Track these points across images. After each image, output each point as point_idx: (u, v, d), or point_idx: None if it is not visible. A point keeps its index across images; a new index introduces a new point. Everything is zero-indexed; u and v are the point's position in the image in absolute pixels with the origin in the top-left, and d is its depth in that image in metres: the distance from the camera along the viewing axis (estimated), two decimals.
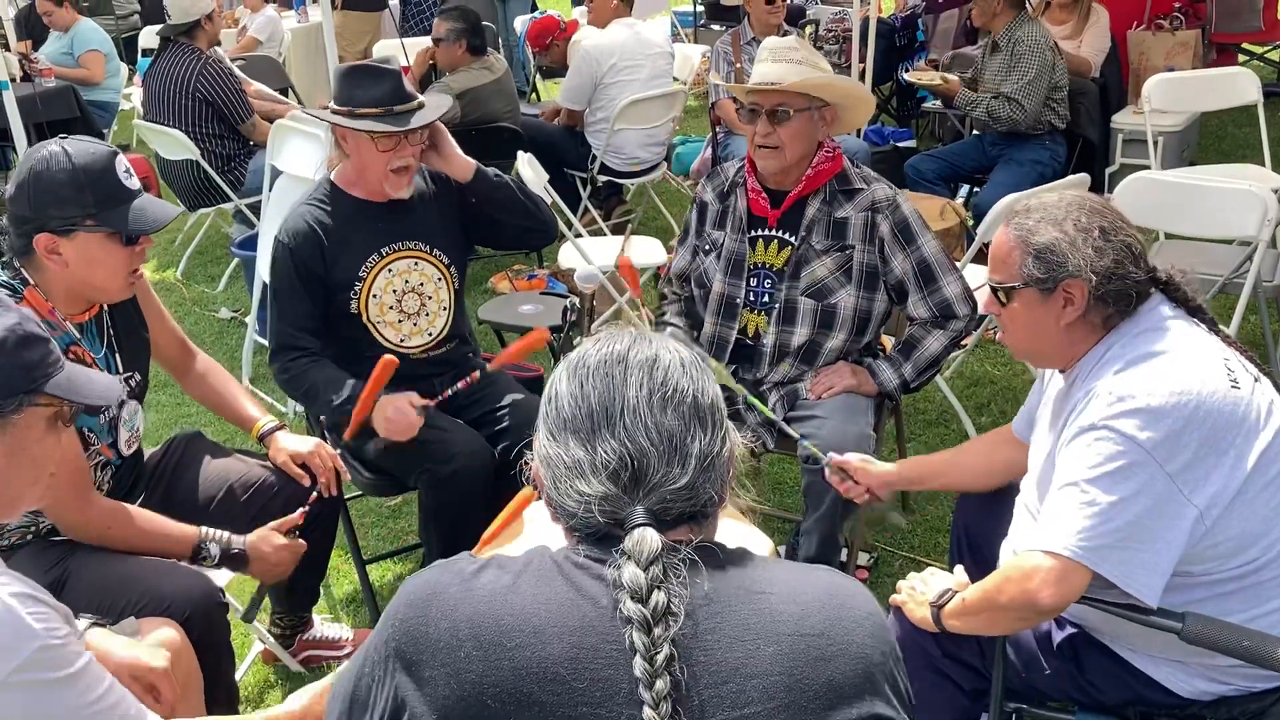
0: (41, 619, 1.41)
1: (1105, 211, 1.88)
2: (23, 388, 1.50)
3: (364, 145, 2.69)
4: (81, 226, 2.11)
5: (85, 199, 2.11)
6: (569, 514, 1.21)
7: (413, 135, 2.69)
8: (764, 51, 2.81)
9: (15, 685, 1.37)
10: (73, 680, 1.43)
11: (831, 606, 1.17)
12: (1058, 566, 1.74)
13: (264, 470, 2.56)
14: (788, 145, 2.74)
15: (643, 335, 1.26)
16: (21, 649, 1.37)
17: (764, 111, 2.73)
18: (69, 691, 1.43)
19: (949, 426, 3.94)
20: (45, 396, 1.54)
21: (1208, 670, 1.86)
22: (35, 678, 1.38)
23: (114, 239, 2.15)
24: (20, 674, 1.37)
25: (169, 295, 5.53)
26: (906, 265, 2.78)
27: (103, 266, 2.16)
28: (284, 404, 4.30)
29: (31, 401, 1.52)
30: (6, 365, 1.49)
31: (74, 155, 2.11)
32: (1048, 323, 1.90)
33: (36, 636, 1.39)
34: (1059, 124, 5.13)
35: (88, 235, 2.12)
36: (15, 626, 1.38)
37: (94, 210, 2.12)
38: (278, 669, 2.88)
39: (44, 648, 1.39)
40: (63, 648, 1.42)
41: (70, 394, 1.57)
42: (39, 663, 1.39)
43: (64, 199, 2.10)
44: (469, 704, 1.10)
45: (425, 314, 2.87)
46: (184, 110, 5.23)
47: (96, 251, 2.14)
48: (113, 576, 2.11)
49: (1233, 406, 1.74)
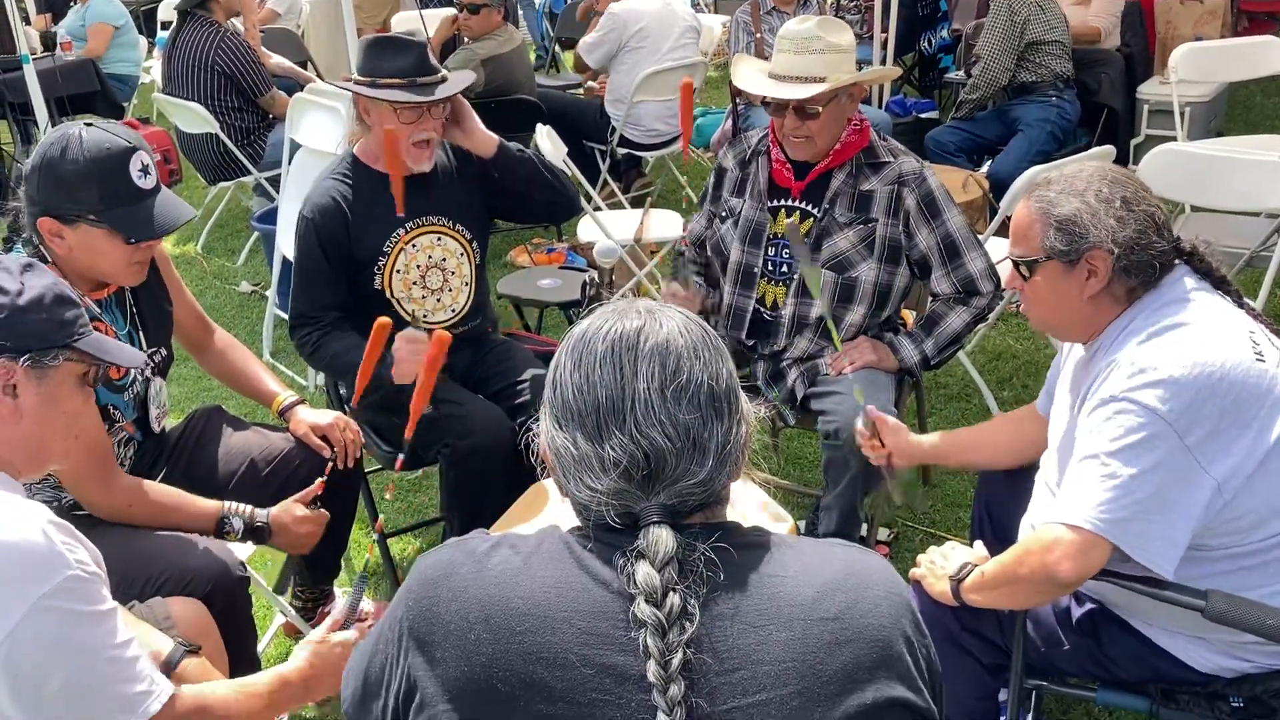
0: (73, 550, 1.46)
1: (1127, 182, 1.85)
2: (59, 341, 1.61)
3: (387, 117, 2.67)
4: (84, 219, 2.10)
5: (92, 195, 2.09)
6: (581, 505, 1.19)
7: (435, 108, 2.68)
8: (784, 40, 2.72)
9: (46, 610, 1.41)
10: (101, 619, 1.47)
11: (849, 588, 1.15)
12: (1078, 539, 1.72)
13: (285, 443, 2.57)
14: (818, 135, 2.71)
15: (653, 312, 1.20)
16: (53, 575, 1.42)
17: (791, 107, 2.69)
18: (97, 629, 1.47)
19: (970, 401, 3.91)
20: (78, 353, 1.63)
21: (1229, 647, 1.85)
22: (65, 606, 1.42)
23: (116, 236, 2.13)
24: (51, 599, 1.41)
25: (189, 269, 5.56)
26: (931, 240, 2.75)
27: (104, 258, 2.16)
28: (304, 377, 4.32)
29: (66, 356, 1.62)
30: (46, 319, 1.59)
31: (88, 147, 2.08)
32: (1071, 295, 1.87)
33: (69, 565, 1.43)
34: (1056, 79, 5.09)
35: (91, 228, 2.11)
36: (48, 552, 1.43)
37: (100, 208, 2.10)
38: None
39: (75, 577, 1.43)
40: (92, 583, 1.47)
41: (101, 353, 1.66)
42: (69, 591, 1.43)
43: (72, 189, 2.08)
44: (479, 686, 1.10)
45: (448, 290, 2.87)
46: (203, 83, 5.23)
47: (99, 244, 2.13)
48: (134, 552, 2.12)
49: (1257, 379, 1.72)
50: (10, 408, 1.57)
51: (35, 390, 1.58)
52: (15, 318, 1.56)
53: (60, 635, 1.43)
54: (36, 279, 1.62)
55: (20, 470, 1.60)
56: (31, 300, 1.58)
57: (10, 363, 1.56)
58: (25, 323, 1.57)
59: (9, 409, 1.57)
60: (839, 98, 2.69)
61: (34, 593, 1.40)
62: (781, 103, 2.70)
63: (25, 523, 1.44)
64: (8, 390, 1.56)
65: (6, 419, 1.57)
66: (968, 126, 5.39)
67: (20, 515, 1.45)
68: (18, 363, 1.56)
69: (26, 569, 1.41)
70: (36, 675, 1.43)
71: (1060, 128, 5.07)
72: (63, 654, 1.43)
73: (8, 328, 1.56)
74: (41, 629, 1.41)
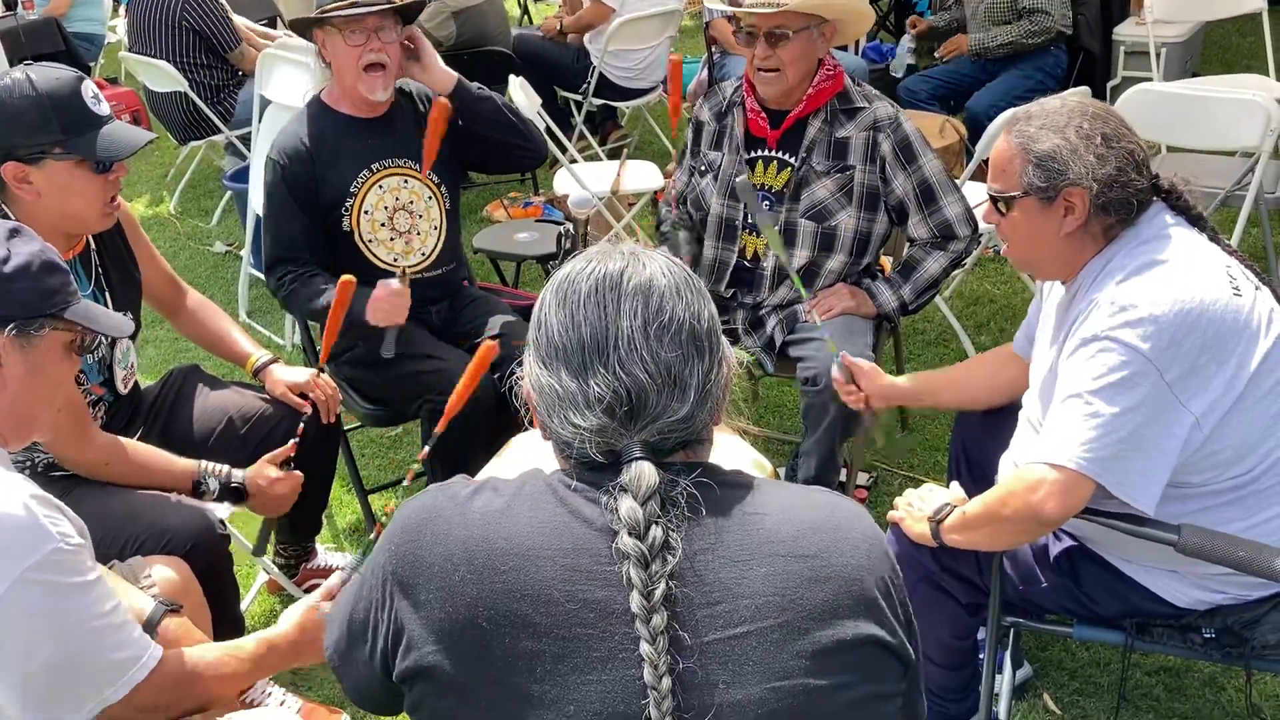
0: (56, 524, 1.45)
1: (1108, 118, 1.84)
2: (45, 310, 1.57)
3: (338, 46, 2.66)
4: (50, 155, 2.07)
5: (51, 125, 2.05)
6: (564, 443, 1.19)
7: (384, 31, 2.65)
8: None
9: (31, 583, 1.41)
10: (86, 588, 1.47)
11: (827, 528, 1.17)
12: (1062, 478, 1.74)
13: (262, 402, 2.56)
14: (788, 67, 2.69)
15: (635, 254, 1.21)
16: (38, 548, 1.41)
17: (761, 34, 2.67)
18: (83, 598, 1.47)
19: (948, 346, 3.93)
20: (65, 322, 1.60)
21: (1202, 580, 1.87)
22: (50, 578, 1.42)
23: (84, 166, 2.10)
24: (35, 572, 1.41)
25: (162, 231, 5.49)
26: (908, 185, 2.74)
27: (77, 195, 2.13)
28: (281, 336, 4.29)
29: (53, 325, 1.59)
30: (32, 287, 1.56)
31: (38, 81, 2.06)
32: (1048, 232, 1.87)
33: (52, 539, 1.43)
34: (1067, 29, 5.03)
35: (57, 164, 2.08)
36: (32, 527, 1.42)
37: (61, 137, 2.07)
38: (283, 598, 2.91)
39: (59, 550, 1.43)
40: (76, 554, 1.47)
41: (88, 322, 1.63)
42: (54, 564, 1.43)
43: (30, 126, 2.05)
44: (464, 626, 1.11)
45: (417, 233, 2.86)
46: (170, 40, 5.14)
47: (68, 180, 2.10)
48: (113, 512, 2.11)
49: (1235, 314, 1.73)
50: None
51: (20, 359, 1.55)
52: (2, 284, 1.53)
53: (45, 607, 1.43)
54: (24, 245, 1.57)
55: (7, 439, 1.59)
56: (18, 268, 1.54)
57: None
58: (10, 291, 1.53)
59: None
60: (809, 30, 2.67)
61: (17, 567, 1.39)
62: (752, 29, 2.68)
63: (8, 497, 1.43)
64: None
65: None
66: (940, 75, 5.34)
67: (2, 490, 1.44)
68: (2, 332, 1.52)
69: (9, 544, 1.40)
70: (22, 649, 1.43)
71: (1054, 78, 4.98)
72: (48, 625, 1.43)
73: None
74: (26, 602, 1.41)
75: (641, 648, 1.07)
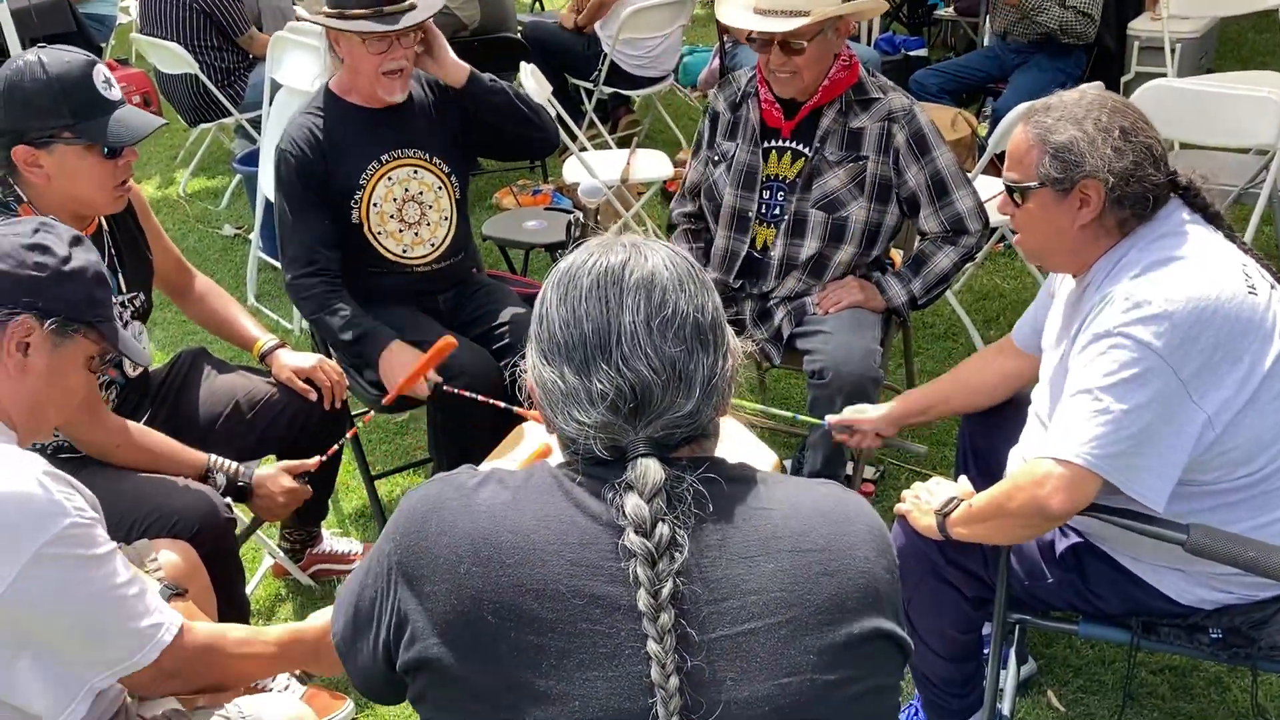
0: (70, 499, 1.47)
1: (1127, 111, 1.83)
2: (86, 316, 1.64)
3: (355, 48, 2.65)
4: (59, 139, 2.08)
5: (61, 109, 2.06)
6: (569, 439, 1.18)
7: (405, 38, 2.65)
8: None
9: (48, 558, 1.42)
10: (102, 561, 1.49)
11: (833, 522, 1.16)
12: (1069, 474, 1.73)
13: (269, 386, 2.56)
14: (804, 70, 2.68)
15: (637, 246, 1.19)
16: (53, 524, 1.43)
17: (776, 41, 2.65)
18: (99, 571, 1.48)
19: (957, 340, 3.91)
20: (96, 333, 1.67)
21: (1209, 579, 1.86)
22: (66, 552, 1.44)
23: (94, 151, 2.11)
24: (52, 547, 1.42)
25: (171, 214, 5.50)
26: (920, 178, 2.73)
27: (85, 179, 2.13)
28: (290, 321, 4.29)
29: (86, 333, 1.65)
30: (82, 292, 1.63)
31: (49, 65, 2.06)
32: (1062, 224, 1.86)
33: (67, 514, 1.45)
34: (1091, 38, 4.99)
35: (66, 148, 2.08)
36: (47, 503, 1.44)
37: (71, 121, 2.07)
38: (288, 583, 2.92)
39: (74, 524, 1.45)
40: (91, 528, 1.48)
41: (116, 342, 1.70)
42: (70, 539, 1.44)
43: (40, 110, 2.06)
44: (468, 619, 1.10)
45: (426, 224, 2.85)
46: (181, 22, 5.13)
47: (77, 164, 2.10)
48: (121, 495, 2.11)
49: (1250, 312, 1.72)
50: (18, 362, 1.57)
51: (46, 356, 1.59)
52: (56, 280, 1.59)
53: (64, 579, 1.44)
54: (84, 253, 1.65)
55: (16, 424, 1.60)
56: (76, 269, 1.61)
57: (34, 321, 1.57)
58: (65, 288, 1.60)
59: (16, 364, 1.57)
60: (825, 32, 2.65)
61: (34, 544, 1.41)
62: (766, 37, 2.66)
63: (22, 474, 1.45)
64: (20, 346, 1.57)
65: (12, 373, 1.57)
66: (951, 68, 5.32)
67: (16, 467, 1.46)
68: (41, 324, 1.57)
69: (25, 521, 1.42)
70: (44, 623, 1.44)
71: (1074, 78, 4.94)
72: (68, 597, 1.45)
73: (45, 287, 1.58)
74: (45, 576, 1.42)
75: (649, 646, 1.06)
